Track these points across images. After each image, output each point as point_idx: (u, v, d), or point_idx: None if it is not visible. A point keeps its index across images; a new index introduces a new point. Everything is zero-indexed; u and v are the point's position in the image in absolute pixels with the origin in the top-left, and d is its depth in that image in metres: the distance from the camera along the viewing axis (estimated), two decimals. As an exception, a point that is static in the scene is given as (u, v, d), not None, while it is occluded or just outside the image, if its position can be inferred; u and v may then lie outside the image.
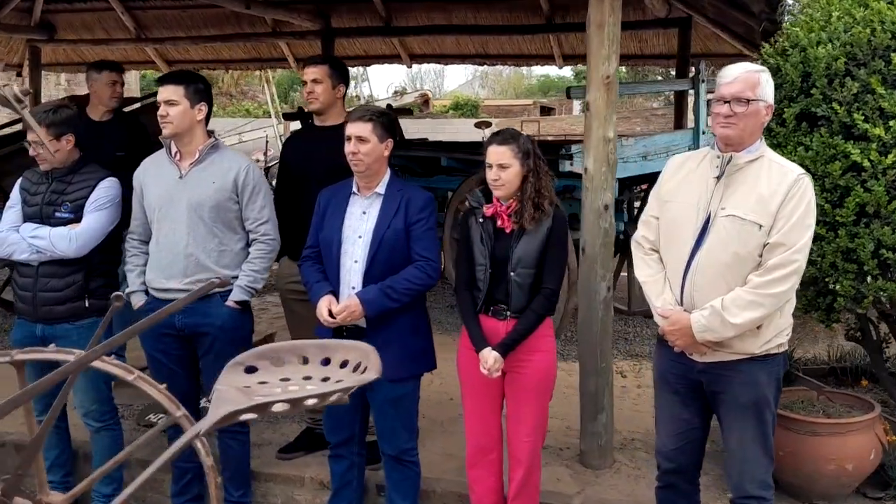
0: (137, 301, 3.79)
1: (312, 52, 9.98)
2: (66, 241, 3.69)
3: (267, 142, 16.67)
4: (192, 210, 3.65)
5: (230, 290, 3.72)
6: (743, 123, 2.91)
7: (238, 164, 3.73)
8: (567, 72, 29.89)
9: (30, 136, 3.72)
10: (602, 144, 3.86)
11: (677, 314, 2.99)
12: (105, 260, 3.86)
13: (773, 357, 3.01)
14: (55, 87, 17.04)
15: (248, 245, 3.80)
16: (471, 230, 3.47)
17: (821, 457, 3.70)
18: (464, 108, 26.61)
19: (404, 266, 3.44)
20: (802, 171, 2.95)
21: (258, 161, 14.55)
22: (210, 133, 3.76)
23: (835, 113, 3.59)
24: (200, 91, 3.68)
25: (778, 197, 2.87)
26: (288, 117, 9.38)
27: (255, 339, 4.03)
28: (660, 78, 20.48)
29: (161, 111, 3.63)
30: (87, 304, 3.79)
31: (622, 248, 6.65)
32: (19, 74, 10.29)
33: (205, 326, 3.70)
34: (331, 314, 3.40)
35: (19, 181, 3.89)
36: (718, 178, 2.97)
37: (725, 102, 2.91)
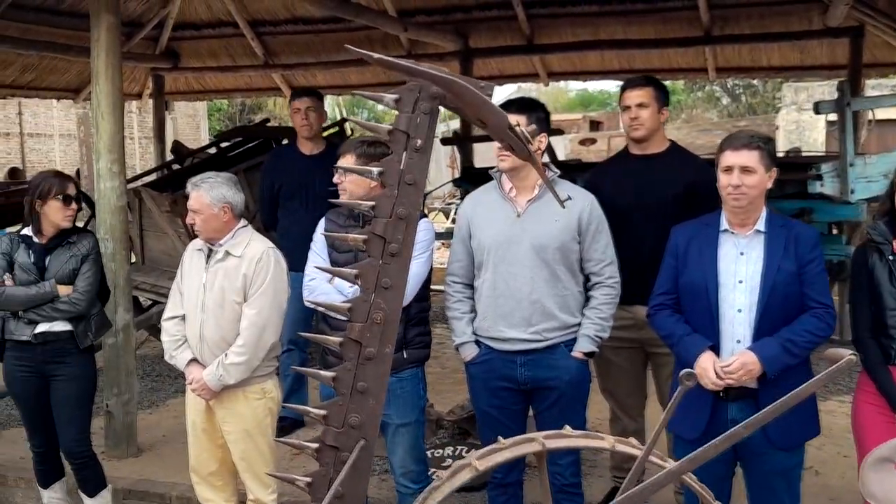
0: (469, 353, 3.42)
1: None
2: None
3: None
4: (535, 252, 3.28)
5: (573, 340, 3.35)
6: None
7: (583, 199, 3.36)
8: (607, 85, 29.13)
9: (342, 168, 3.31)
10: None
11: None
12: (422, 309, 3.47)
13: None
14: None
15: (584, 288, 3.43)
16: (875, 269, 3.06)
17: None
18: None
19: (798, 314, 3.01)
20: None
21: None
22: (546, 166, 3.39)
23: None
24: (540, 121, 3.34)
25: None
26: (445, 142, 9.09)
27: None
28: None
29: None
30: (405, 356, 3.41)
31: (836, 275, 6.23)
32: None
33: (552, 380, 3.33)
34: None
35: (322, 222, 3.52)
36: None
37: None
